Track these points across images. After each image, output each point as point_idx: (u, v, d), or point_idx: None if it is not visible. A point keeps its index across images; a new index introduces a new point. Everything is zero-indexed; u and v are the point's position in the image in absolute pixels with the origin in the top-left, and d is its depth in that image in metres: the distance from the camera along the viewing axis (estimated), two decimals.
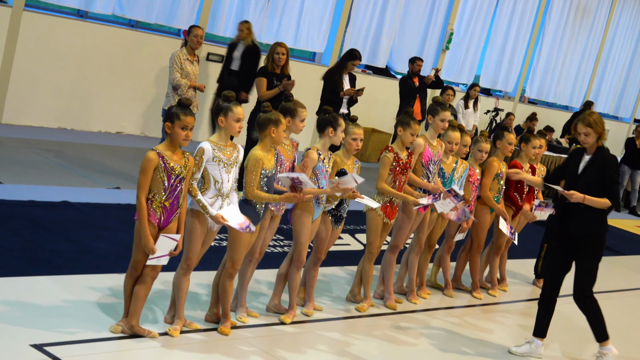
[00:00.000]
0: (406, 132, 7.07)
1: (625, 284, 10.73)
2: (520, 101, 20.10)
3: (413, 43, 16.79)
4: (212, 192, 5.78)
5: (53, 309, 5.87)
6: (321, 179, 6.47)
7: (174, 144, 5.55)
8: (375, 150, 15.54)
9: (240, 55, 11.58)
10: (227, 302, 6.12)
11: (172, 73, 10.15)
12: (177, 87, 10.05)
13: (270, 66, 10.47)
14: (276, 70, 10.46)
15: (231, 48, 11.83)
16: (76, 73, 12.10)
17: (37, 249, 6.98)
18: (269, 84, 10.38)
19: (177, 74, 10.11)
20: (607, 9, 21.39)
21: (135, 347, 5.56)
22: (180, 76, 10.10)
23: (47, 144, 10.96)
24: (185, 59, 10.19)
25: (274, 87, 10.31)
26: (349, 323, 7.04)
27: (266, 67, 10.51)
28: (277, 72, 10.46)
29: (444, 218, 7.78)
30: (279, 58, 10.40)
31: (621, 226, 14.81)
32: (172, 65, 10.17)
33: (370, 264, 7.29)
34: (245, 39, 11.62)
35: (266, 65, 10.52)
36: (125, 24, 12.94)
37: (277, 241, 8.75)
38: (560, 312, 7.91)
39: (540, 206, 8.66)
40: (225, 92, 5.87)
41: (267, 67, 10.49)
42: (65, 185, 9.24)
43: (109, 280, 6.60)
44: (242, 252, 6.06)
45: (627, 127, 23.64)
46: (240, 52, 11.60)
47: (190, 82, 10.18)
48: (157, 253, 5.52)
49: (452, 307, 8.03)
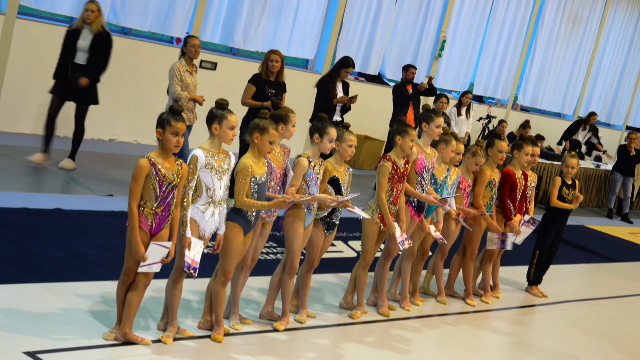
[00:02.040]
0: (405, 140, 7.07)
1: (618, 290, 10.75)
2: (512, 108, 20.15)
3: (406, 50, 16.84)
4: (205, 199, 5.79)
5: (46, 316, 5.86)
6: (312, 186, 6.48)
7: (166, 151, 5.55)
8: (368, 157, 15.56)
9: (88, 46, 9.92)
10: (220, 309, 6.12)
11: (173, 86, 9.92)
12: (177, 99, 9.95)
13: (264, 74, 10.27)
14: (270, 78, 10.29)
15: (73, 35, 10.02)
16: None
17: (30, 256, 6.97)
18: (260, 91, 10.17)
19: (178, 87, 9.90)
20: (599, 17, 21.47)
21: (128, 354, 5.56)
22: (180, 89, 9.92)
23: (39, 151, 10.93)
24: (185, 70, 10.01)
25: (267, 94, 10.19)
26: (342, 330, 7.04)
27: (260, 74, 10.28)
28: (271, 79, 10.31)
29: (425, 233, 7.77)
30: (272, 65, 10.22)
31: (614, 233, 14.86)
32: (172, 77, 9.95)
33: (365, 272, 7.29)
34: (94, 24, 9.91)
35: (260, 73, 10.31)
36: (118, 31, 12.95)
37: (270, 248, 8.75)
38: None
39: (527, 222, 8.69)
40: (219, 100, 5.86)
41: (261, 75, 10.27)
42: (58, 192, 9.23)
43: (102, 287, 6.60)
44: (234, 260, 6.07)
45: (619, 134, 23.72)
46: (87, 41, 9.94)
47: (190, 94, 10.07)
48: (148, 260, 5.52)
49: (445, 314, 8.04)
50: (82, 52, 9.90)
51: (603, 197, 17.48)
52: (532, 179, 8.78)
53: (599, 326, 8.81)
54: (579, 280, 11.20)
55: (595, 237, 14.16)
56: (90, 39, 9.87)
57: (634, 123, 24.36)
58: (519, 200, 8.54)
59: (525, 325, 8.51)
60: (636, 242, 14.47)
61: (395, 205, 7.15)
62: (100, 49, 9.90)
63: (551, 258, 9.44)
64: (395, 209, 7.17)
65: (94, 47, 9.87)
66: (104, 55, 10.04)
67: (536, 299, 9.34)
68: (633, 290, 10.90)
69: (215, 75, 13.47)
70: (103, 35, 9.92)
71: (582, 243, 13.15)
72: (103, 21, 9.91)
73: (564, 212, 9.23)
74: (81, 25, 9.91)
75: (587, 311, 9.32)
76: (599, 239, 14.04)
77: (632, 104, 24.04)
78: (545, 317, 8.80)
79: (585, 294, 10.12)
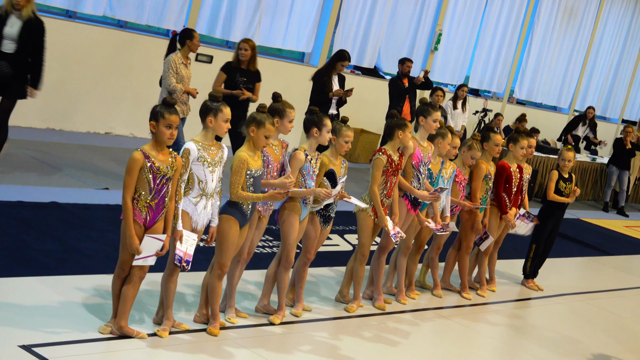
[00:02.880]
0: (406, 134, 7.08)
1: (613, 284, 10.77)
2: (508, 102, 20.15)
3: (402, 44, 16.81)
4: (197, 191, 5.78)
5: (41, 310, 5.85)
6: (308, 179, 6.47)
7: (159, 144, 5.53)
8: (364, 150, 15.55)
9: (17, 33, 8.79)
10: (216, 303, 6.12)
11: (168, 78, 9.89)
12: (172, 92, 9.94)
13: (235, 62, 10.38)
14: (241, 66, 10.36)
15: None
16: (64, 73, 12.07)
17: (25, 249, 6.96)
18: (230, 79, 10.31)
19: (173, 79, 9.88)
20: (595, 11, 21.48)
21: (124, 347, 5.56)
22: (175, 81, 9.93)
23: (35, 144, 10.93)
24: (181, 63, 10.01)
25: (237, 82, 10.27)
26: (338, 324, 7.04)
27: (231, 62, 10.42)
28: (242, 67, 10.36)
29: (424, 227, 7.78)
30: (242, 54, 10.30)
31: (609, 226, 14.87)
32: (167, 70, 9.92)
33: (362, 266, 7.29)
34: (24, 9, 8.79)
35: (231, 61, 10.42)
36: (114, 24, 12.92)
37: (266, 242, 8.75)
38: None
39: (523, 216, 8.70)
40: (212, 92, 5.84)
41: (232, 63, 10.40)
42: (54, 185, 9.21)
43: (97, 280, 6.59)
44: (230, 254, 6.06)
45: (615, 128, 23.75)
46: (16, 28, 8.80)
47: (184, 87, 10.06)
48: (143, 253, 5.51)
49: (441, 308, 8.04)
50: (9, 41, 8.77)
51: (599, 191, 17.49)
52: (527, 171, 8.78)
53: (594, 319, 8.82)
54: (575, 274, 11.22)
55: (591, 230, 14.18)
56: (19, 26, 8.76)
57: (630, 116, 24.37)
58: (514, 194, 8.54)
59: (521, 318, 8.52)
60: (632, 236, 14.49)
61: (389, 198, 7.14)
62: (32, 38, 8.84)
63: (547, 251, 9.45)
64: (389, 201, 7.17)
65: (24, 36, 8.77)
66: (37, 46, 8.95)
67: (532, 292, 9.35)
68: (628, 284, 10.92)
69: (211, 69, 13.44)
70: (35, 22, 8.84)
71: (578, 236, 13.16)
72: (34, 7, 8.86)
73: (561, 206, 9.23)
74: (10, 10, 8.77)
75: (583, 304, 9.33)
76: (595, 233, 14.06)
77: (628, 97, 24.06)
78: (541, 311, 8.81)
79: (581, 287, 10.13)
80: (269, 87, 10.26)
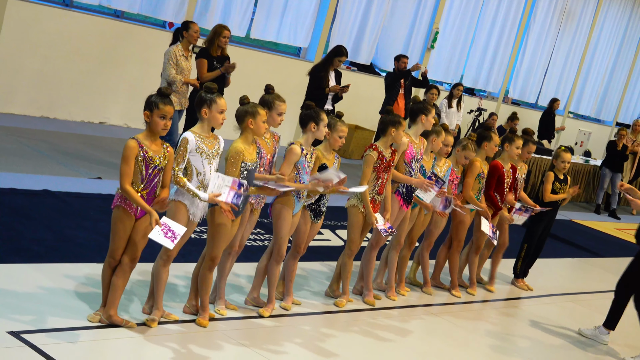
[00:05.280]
0: (399, 131, 7.10)
1: (603, 285, 10.79)
2: (503, 101, 20.17)
3: (398, 41, 16.81)
4: (195, 183, 5.77)
5: (31, 297, 5.86)
6: (303, 173, 6.48)
7: (153, 133, 5.54)
8: (358, 147, 15.56)
9: None
10: (206, 294, 6.13)
11: (167, 69, 9.93)
12: (171, 83, 9.96)
13: (214, 49, 10.42)
14: (218, 53, 10.44)
15: None
16: (60, 62, 12.05)
17: (17, 237, 6.96)
18: (209, 66, 10.37)
19: (172, 70, 9.92)
20: (592, 13, 21.50)
21: (113, 336, 5.57)
22: (175, 72, 9.96)
23: (29, 132, 10.91)
24: (181, 55, 10.03)
25: (215, 69, 10.33)
26: (328, 318, 7.06)
27: (207, 49, 10.44)
28: (218, 54, 10.44)
29: (429, 210, 7.80)
30: (225, 42, 10.42)
31: (600, 228, 14.92)
32: (167, 61, 9.96)
33: (350, 260, 7.30)
34: None
35: (207, 47, 10.44)
36: (111, 14, 12.90)
37: (257, 235, 8.76)
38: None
39: (520, 210, 8.74)
40: (207, 84, 5.84)
41: (209, 50, 10.43)
42: (47, 174, 9.20)
43: (89, 269, 6.60)
44: (221, 246, 6.07)
45: (609, 130, 23.79)
46: None
47: (184, 78, 10.08)
48: (171, 227, 5.49)
49: (430, 305, 8.06)
50: None
51: (591, 193, 17.54)
52: (523, 170, 8.81)
53: (583, 319, 8.85)
54: (565, 275, 11.25)
55: (582, 232, 14.22)
56: None
57: (624, 119, 24.42)
58: (506, 193, 8.56)
59: (510, 317, 8.54)
60: (623, 238, 14.52)
61: (380, 195, 7.16)
62: None
63: (538, 252, 9.48)
64: (380, 198, 7.19)
65: None
66: None
67: (522, 291, 9.37)
68: None
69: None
70: None
71: (569, 238, 13.20)
72: None
73: (554, 207, 9.24)
74: None
75: (573, 305, 9.36)
76: (586, 234, 14.09)
77: (622, 100, 24.11)
78: (531, 310, 8.83)
79: (571, 288, 10.17)
80: (264, 81, 10.15)
